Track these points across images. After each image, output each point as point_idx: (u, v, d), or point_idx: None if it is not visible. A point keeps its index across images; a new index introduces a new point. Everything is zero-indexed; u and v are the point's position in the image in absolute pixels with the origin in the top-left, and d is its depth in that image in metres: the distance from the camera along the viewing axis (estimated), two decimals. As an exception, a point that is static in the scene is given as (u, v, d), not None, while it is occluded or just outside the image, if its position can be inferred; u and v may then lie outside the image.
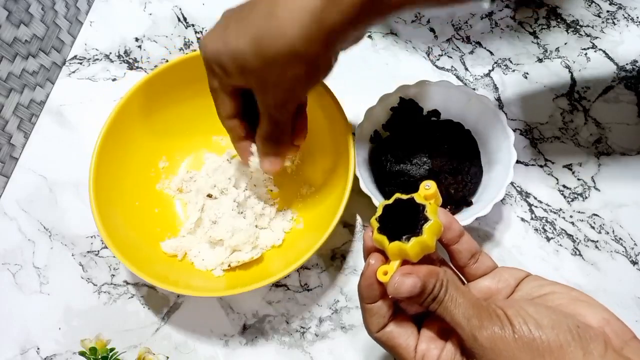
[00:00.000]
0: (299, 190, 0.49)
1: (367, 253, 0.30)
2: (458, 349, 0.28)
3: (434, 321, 0.30)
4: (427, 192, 0.30)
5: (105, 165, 0.44)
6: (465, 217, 0.40)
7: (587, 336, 0.25)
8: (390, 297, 0.28)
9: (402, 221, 0.28)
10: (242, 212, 0.46)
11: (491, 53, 0.54)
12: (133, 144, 0.47)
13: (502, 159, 0.43)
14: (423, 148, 0.43)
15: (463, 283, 0.32)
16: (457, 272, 0.32)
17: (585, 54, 0.53)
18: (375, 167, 0.45)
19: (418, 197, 0.29)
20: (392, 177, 0.43)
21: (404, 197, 0.29)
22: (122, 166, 0.46)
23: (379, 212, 0.29)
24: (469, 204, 0.43)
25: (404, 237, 0.27)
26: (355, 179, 0.41)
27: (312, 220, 0.46)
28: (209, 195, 0.47)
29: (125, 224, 0.44)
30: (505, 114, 0.51)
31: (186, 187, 0.49)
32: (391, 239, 0.28)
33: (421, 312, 0.30)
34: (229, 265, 0.44)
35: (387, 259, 0.29)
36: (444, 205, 0.43)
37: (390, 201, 0.29)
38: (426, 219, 0.28)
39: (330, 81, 0.44)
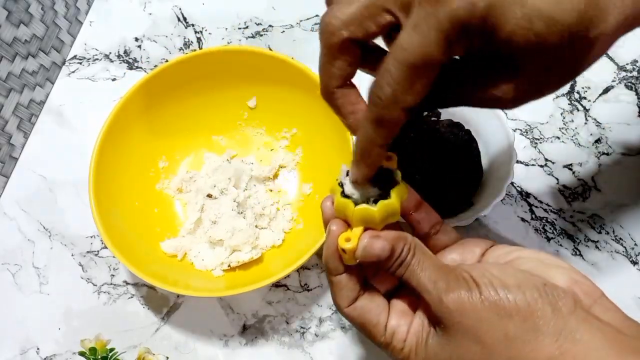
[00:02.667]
0: (300, 190, 0.49)
1: (326, 223, 0.28)
2: (425, 319, 0.27)
3: (402, 296, 0.29)
4: (388, 162, 0.27)
5: (105, 165, 0.44)
6: (466, 217, 0.40)
7: (555, 293, 0.25)
8: (357, 261, 0.27)
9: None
10: (242, 212, 0.46)
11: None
12: (132, 144, 0.47)
13: (503, 159, 0.42)
14: (423, 148, 0.43)
15: None
16: None
17: (586, 54, 0.53)
18: None
19: (384, 163, 0.27)
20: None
21: None
22: (121, 166, 0.46)
23: (340, 175, 0.27)
24: (469, 204, 0.43)
25: (370, 199, 0.25)
26: None
27: (312, 220, 0.46)
28: (209, 195, 0.47)
29: (125, 224, 0.44)
30: (505, 113, 0.51)
31: (186, 187, 0.49)
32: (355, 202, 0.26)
33: (390, 288, 0.30)
34: (229, 266, 0.44)
35: (348, 226, 0.27)
36: (443, 206, 0.43)
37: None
38: (394, 182, 0.26)
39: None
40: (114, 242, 0.41)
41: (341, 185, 0.27)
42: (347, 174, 0.27)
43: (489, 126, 0.44)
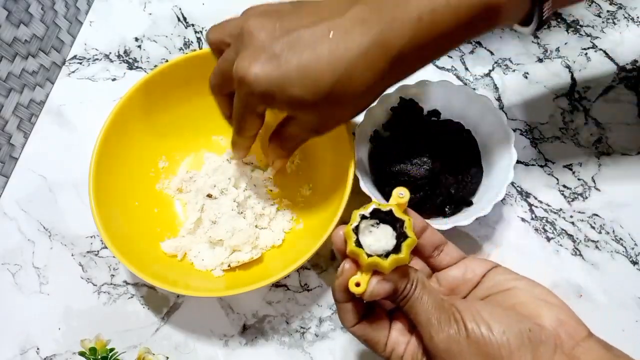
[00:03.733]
0: (299, 191, 0.49)
1: (339, 254, 0.30)
2: (421, 345, 0.30)
3: (403, 316, 0.31)
4: (401, 200, 0.30)
5: (105, 165, 0.44)
6: (465, 217, 0.40)
7: (538, 340, 0.27)
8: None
9: (378, 232, 0.29)
10: (242, 212, 0.46)
11: (491, 53, 0.54)
12: (132, 144, 0.47)
13: (503, 159, 0.42)
14: (423, 148, 0.43)
15: (432, 273, 0.34)
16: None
17: (586, 54, 0.53)
18: (375, 167, 0.45)
19: (395, 208, 0.29)
20: (392, 177, 0.43)
21: (383, 207, 0.29)
22: (121, 166, 0.46)
23: (354, 220, 0.29)
24: (469, 204, 0.43)
25: (381, 253, 0.28)
26: (355, 179, 0.41)
27: (312, 220, 0.46)
28: (209, 195, 0.47)
29: (124, 224, 0.44)
30: (505, 114, 0.51)
31: (186, 187, 0.49)
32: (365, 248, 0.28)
33: (394, 307, 0.32)
34: (229, 266, 0.44)
35: (358, 266, 0.29)
36: (443, 206, 0.43)
37: (367, 210, 0.29)
38: (405, 236, 0.28)
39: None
40: (114, 242, 0.40)
41: (355, 231, 0.29)
42: (362, 219, 0.29)
43: (489, 126, 0.44)
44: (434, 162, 0.43)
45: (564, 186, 0.48)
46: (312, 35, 0.31)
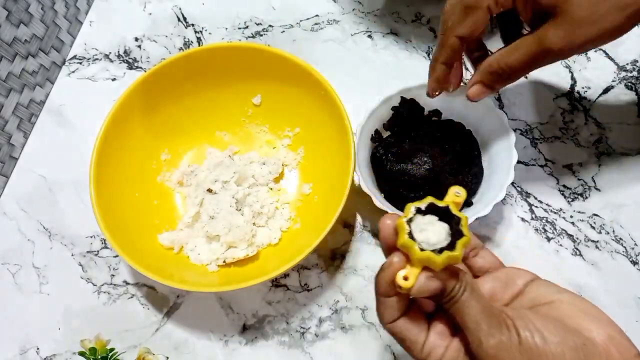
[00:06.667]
0: (299, 189, 0.49)
1: (385, 245, 0.29)
2: (462, 348, 0.28)
3: (444, 318, 0.30)
4: (457, 199, 0.29)
5: (107, 155, 0.44)
6: None
7: (592, 355, 0.25)
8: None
9: (432, 227, 0.27)
10: (240, 209, 0.46)
11: (491, 53, 0.54)
12: (135, 136, 0.47)
13: (503, 159, 0.42)
14: (424, 148, 0.43)
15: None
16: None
17: (586, 53, 0.53)
18: (375, 166, 0.45)
19: (452, 205, 0.28)
20: (393, 176, 0.43)
21: (439, 203, 0.28)
22: (123, 157, 0.46)
23: (408, 214, 0.28)
24: (470, 204, 0.43)
25: (434, 248, 0.27)
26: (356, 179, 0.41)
27: (310, 219, 0.46)
28: (209, 190, 0.47)
29: (123, 214, 0.44)
30: (506, 113, 0.51)
31: (187, 180, 0.49)
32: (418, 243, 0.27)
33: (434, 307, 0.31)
34: (224, 261, 0.44)
35: (407, 259, 0.28)
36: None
37: (423, 204, 0.28)
38: (460, 233, 0.27)
39: (331, 80, 0.45)
40: (110, 230, 0.41)
41: (409, 224, 0.27)
42: (416, 212, 0.28)
43: (490, 126, 0.44)
44: (435, 162, 0.43)
45: (564, 186, 0.48)
46: None
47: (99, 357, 0.42)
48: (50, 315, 0.47)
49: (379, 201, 0.41)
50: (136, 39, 0.59)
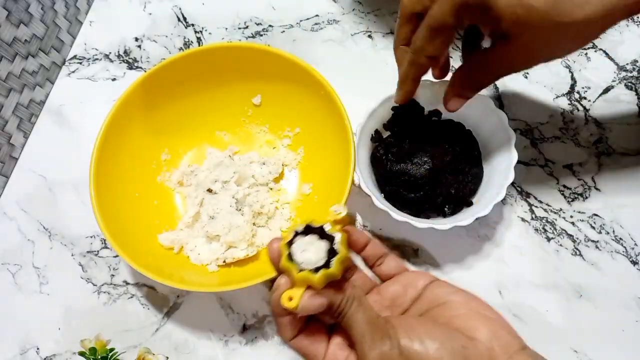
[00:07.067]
0: (299, 189, 0.49)
1: (275, 267, 0.30)
2: None
3: (342, 331, 0.31)
4: (337, 216, 0.30)
5: (107, 155, 0.44)
6: (466, 217, 0.40)
7: (472, 356, 0.27)
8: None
9: (312, 248, 0.29)
10: (240, 209, 0.46)
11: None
12: (136, 136, 0.47)
13: (503, 159, 0.42)
14: (424, 148, 0.43)
15: (373, 287, 0.34)
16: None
17: (586, 54, 0.53)
18: (376, 166, 0.45)
19: (331, 224, 0.29)
20: (393, 176, 0.43)
21: (315, 224, 0.29)
22: (123, 157, 0.46)
23: (288, 237, 0.29)
24: (469, 203, 0.43)
25: (312, 268, 0.28)
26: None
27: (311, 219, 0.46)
28: (209, 190, 0.47)
29: (123, 214, 0.44)
30: (506, 114, 0.51)
31: (187, 180, 0.49)
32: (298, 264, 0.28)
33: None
34: (224, 261, 0.44)
35: (292, 281, 0.29)
36: (443, 205, 0.43)
37: (300, 227, 0.29)
38: (334, 252, 0.28)
39: (331, 80, 0.45)
40: (110, 230, 0.41)
41: (289, 246, 0.29)
42: (296, 235, 0.29)
43: (490, 126, 0.44)
44: (435, 162, 0.43)
45: (564, 186, 0.48)
46: None
47: (99, 357, 0.42)
48: (50, 315, 0.47)
49: (379, 201, 0.41)
50: (136, 39, 0.59)
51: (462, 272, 0.45)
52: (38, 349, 0.46)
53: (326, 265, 0.28)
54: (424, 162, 0.43)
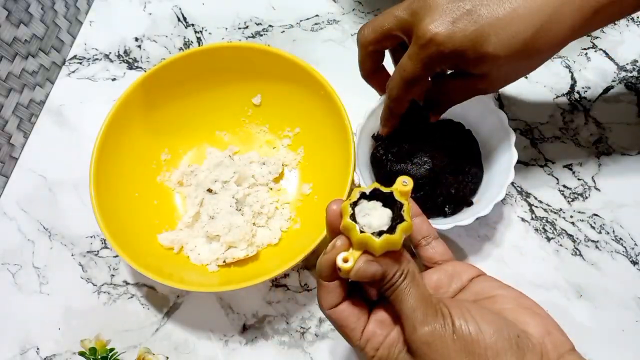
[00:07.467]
0: (299, 189, 0.49)
1: (329, 229, 0.29)
2: (401, 337, 0.28)
3: (386, 305, 0.30)
4: (404, 188, 0.29)
5: (107, 155, 0.44)
6: (466, 217, 0.40)
7: (525, 347, 0.26)
8: (348, 279, 0.28)
9: (375, 212, 0.28)
10: (240, 209, 0.46)
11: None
12: (136, 135, 0.47)
13: (503, 159, 0.42)
14: (424, 148, 0.43)
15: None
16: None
17: (586, 54, 0.53)
18: (376, 166, 0.45)
19: (396, 192, 0.28)
20: (393, 176, 0.43)
21: (384, 189, 0.28)
22: (123, 157, 0.46)
23: (354, 197, 0.28)
24: (470, 203, 0.43)
25: (375, 231, 0.27)
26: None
27: (310, 219, 0.46)
28: (209, 190, 0.47)
29: (123, 214, 0.44)
30: (506, 113, 0.51)
31: (187, 180, 0.49)
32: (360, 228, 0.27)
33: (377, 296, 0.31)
34: (224, 261, 0.44)
35: (350, 243, 0.28)
36: (443, 205, 0.43)
37: (368, 189, 0.28)
38: (401, 219, 0.27)
39: (331, 80, 0.45)
40: (110, 230, 0.41)
41: (353, 207, 0.28)
42: (361, 198, 0.28)
43: (490, 126, 0.44)
44: (435, 162, 0.43)
45: (564, 186, 0.48)
46: None
47: (99, 357, 0.42)
48: (50, 315, 0.47)
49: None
50: (136, 39, 0.59)
51: (462, 272, 0.45)
52: (38, 349, 0.46)
53: (390, 231, 0.27)
54: (424, 162, 0.43)
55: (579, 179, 0.48)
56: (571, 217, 0.47)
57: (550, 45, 0.33)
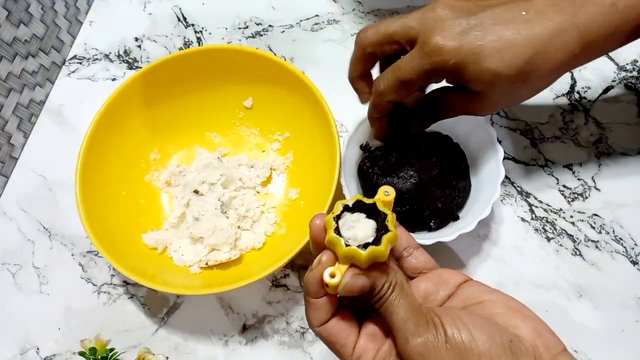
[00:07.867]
0: (286, 194, 0.49)
1: (314, 244, 0.29)
2: (394, 350, 0.28)
3: (376, 320, 0.30)
4: (387, 198, 0.29)
5: (95, 152, 0.44)
6: (450, 233, 0.40)
7: (518, 350, 0.26)
8: (337, 295, 0.28)
9: (359, 224, 0.27)
10: (225, 212, 0.46)
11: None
12: (125, 133, 0.47)
13: (490, 175, 0.42)
14: (411, 161, 0.42)
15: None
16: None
17: (586, 53, 0.53)
18: (362, 179, 0.44)
19: (379, 203, 0.28)
20: (378, 189, 0.42)
21: (367, 200, 0.28)
22: (112, 154, 0.46)
23: (337, 210, 0.28)
24: (456, 218, 0.43)
25: (360, 244, 0.27)
26: (341, 187, 0.41)
27: (295, 225, 0.46)
28: (196, 191, 0.47)
29: (108, 212, 0.44)
30: (506, 113, 0.51)
31: (175, 180, 0.49)
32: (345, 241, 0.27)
33: (365, 309, 0.30)
34: (207, 264, 0.44)
35: (336, 258, 0.28)
36: (429, 220, 0.43)
37: (350, 201, 0.28)
38: (386, 229, 0.27)
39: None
40: (94, 229, 0.41)
41: (336, 221, 0.28)
42: (344, 210, 0.28)
43: (479, 141, 0.43)
44: (421, 176, 0.42)
45: (564, 186, 0.48)
46: (508, 12, 0.33)
47: (99, 357, 0.42)
48: (50, 315, 0.47)
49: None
50: (136, 39, 0.59)
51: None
52: (38, 349, 0.46)
53: (375, 243, 0.26)
54: (410, 176, 0.42)
55: (579, 179, 0.48)
56: (571, 217, 0.47)
57: (545, 71, 0.34)
